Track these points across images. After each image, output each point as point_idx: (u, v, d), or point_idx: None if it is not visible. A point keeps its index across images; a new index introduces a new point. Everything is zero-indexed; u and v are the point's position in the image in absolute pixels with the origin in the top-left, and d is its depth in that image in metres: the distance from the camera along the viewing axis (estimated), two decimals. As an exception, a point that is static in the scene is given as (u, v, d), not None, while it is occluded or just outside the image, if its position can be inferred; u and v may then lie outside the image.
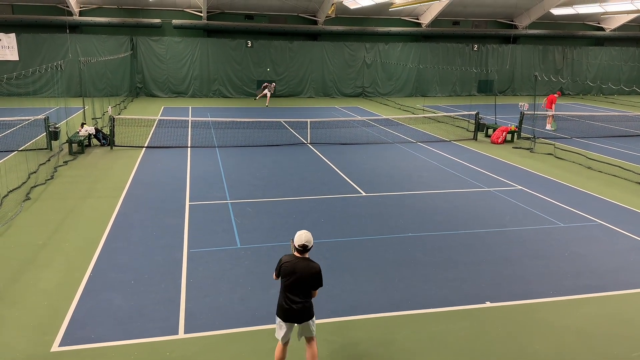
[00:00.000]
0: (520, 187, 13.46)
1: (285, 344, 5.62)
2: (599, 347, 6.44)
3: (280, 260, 5.51)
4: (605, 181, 14.22)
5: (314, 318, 5.55)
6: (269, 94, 29.35)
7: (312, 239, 5.38)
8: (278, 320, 5.53)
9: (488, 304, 7.43)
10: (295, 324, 5.48)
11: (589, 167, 15.66)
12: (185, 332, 6.56)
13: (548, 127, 22.89)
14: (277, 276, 5.54)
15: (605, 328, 6.86)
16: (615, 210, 11.76)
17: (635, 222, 10.90)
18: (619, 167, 15.52)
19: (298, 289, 5.35)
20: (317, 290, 5.49)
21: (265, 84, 29.72)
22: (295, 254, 5.44)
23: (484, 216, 11.12)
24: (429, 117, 24.70)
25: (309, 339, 5.63)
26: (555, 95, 23.72)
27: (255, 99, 30.77)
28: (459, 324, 6.89)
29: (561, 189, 13.44)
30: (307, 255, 5.44)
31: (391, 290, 7.77)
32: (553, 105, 23.25)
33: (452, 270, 8.50)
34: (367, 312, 7.12)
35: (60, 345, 6.22)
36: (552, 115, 23.12)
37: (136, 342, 6.30)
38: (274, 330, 6.69)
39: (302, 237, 5.36)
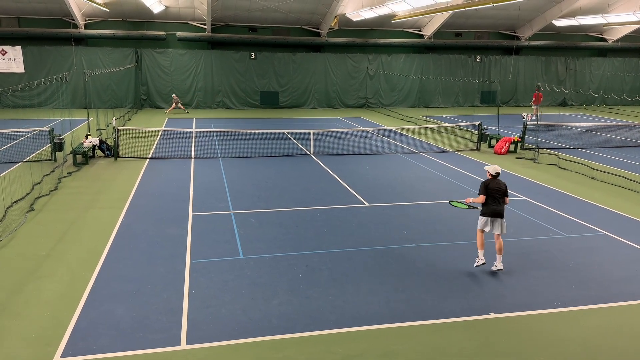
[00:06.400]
0: (524, 198, 13.42)
1: (482, 232, 8.76)
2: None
3: (485, 183, 8.69)
4: (609, 191, 14.17)
5: (504, 219, 8.74)
6: None
7: (499, 168, 8.85)
8: (484, 218, 8.67)
9: (492, 315, 7.38)
10: (497, 219, 8.62)
11: (592, 178, 15.61)
12: (188, 343, 6.53)
13: (533, 117, 26.09)
14: (485, 194, 8.60)
15: (611, 340, 6.80)
16: (620, 220, 11.70)
17: (639, 233, 10.83)
18: (623, 177, 15.48)
19: (499, 197, 8.61)
20: (507, 199, 8.75)
21: None
22: (491, 177, 8.76)
23: (487, 227, 11.07)
24: (431, 128, 24.72)
25: (498, 236, 8.68)
26: (537, 93, 28.79)
27: None
28: (463, 335, 6.84)
29: (565, 199, 13.39)
30: (498, 178, 8.80)
31: (394, 301, 7.73)
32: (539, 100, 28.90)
33: (456, 281, 8.46)
34: (370, 323, 7.08)
35: (62, 356, 6.21)
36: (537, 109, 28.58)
37: (138, 353, 6.28)
38: (276, 341, 6.69)
39: (496, 168, 8.81)
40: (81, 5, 29.22)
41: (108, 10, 29.03)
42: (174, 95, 30.73)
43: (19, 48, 29.83)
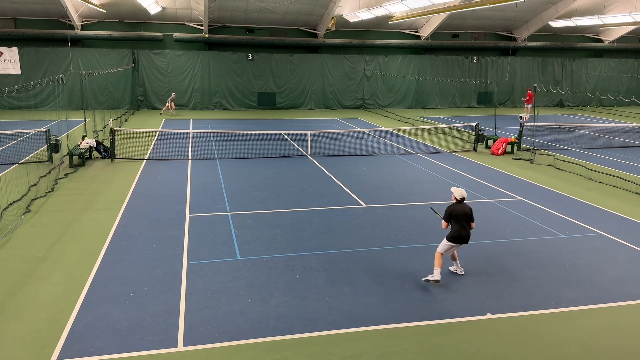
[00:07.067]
0: (521, 198, 13.45)
1: (442, 255, 8.38)
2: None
3: (449, 210, 8.25)
4: (605, 192, 14.20)
5: None
6: None
7: (465, 193, 8.38)
8: (450, 243, 8.28)
9: (489, 316, 7.39)
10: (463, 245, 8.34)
11: (589, 178, 15.65)
12: (185, 344, 6.52)
13: (525, 116, 27.58)
14: (448, 221, 8.28)
15: (608, 340, 6.81)
16: (616, 221, 11.74)
17: (636, 233, 10.87)
18: (619, 177, 15.51)
19: (466, 222, 8.22)
20: (473, 224, 8.34)
21: None
22: (455, 202, 8.31)
23: (484, 227, 11.09)
24: (429, 129, 24.76)
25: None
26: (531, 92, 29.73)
27: None
28: (461, 336, 6.85)
29: (561, 200, 13.42)
30: (464, 202, 8.34)
31: (392, 302, 7.73)
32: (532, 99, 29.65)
33: (453, 281, 8.46)
34: (367, 324, 7.08)
35: (59, 358, 6.19)
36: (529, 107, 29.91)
37: (135, 355, 6.27)
38: (273, 342, 6.69)
39: (462, 192, 8.33)
40: (78, 6, 29.16)
41: (105, 12, 28.99)
42: (174, 93, 30.77)
43: (15, 49, 29.75)
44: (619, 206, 12.83)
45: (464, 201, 8.34)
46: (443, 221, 8.34)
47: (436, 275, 8.22)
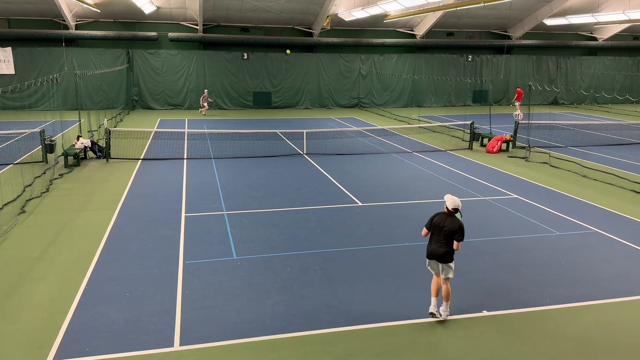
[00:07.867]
0: (516, 196, 13.49)
1: (436, 274, 7.22)
2: (598, 356, 6.42)
3: (433, 216, 7.18)
4: (600, 189, 14.27)
5: (451, 263, 7.09)
6: None
7: (460, 202, 7.10)
8: (428, 260, 7.27)
9: (485, 313, 7.41)
10: (439, 263, 7.10)
11: (584, 176, 15.72)
12: (181, 344, 6.51)
13: (520, 114, 28.04)
14: (428, 229, 7.18)
15: (604, 336, 6.85)
16: (611, 218, 11.79)
17: (630, 230, 10.93)
18: (614, 175, 15.59)
19: (445, 238, 7.00)
20: (459, 243, 6.99)
21: None
22: (446, 211, 7.11)
23: (479, 225, 11.13)
24: (424, 127, 24.79)
25: (445, 280, 7.14)
26: (520, 90, 29.85)
27: None
28: (457, 333, 6.87)
29: (556, 197, 13.48)
30: (455, 215, 7.08)
31: (388, 300, 7.75)
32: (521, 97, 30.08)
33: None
34: (364, 322, 7.09)
35: (55, 358, 6.17)
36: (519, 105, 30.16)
37: (131, 355, 6.26)
38: (270, 341, 6.69)
39: (456, 201, 7.08)
40: (72, 6, 29.04)
41: (99, 11, 28.88)
42: (206, 91, 30.57)
43: (9, 49, 29.61)
44: (613, 203, 12.90)
45: (456, 214, 7.17)
46: (424, 228, 7.32)
47: (431, 306, 7.19)
